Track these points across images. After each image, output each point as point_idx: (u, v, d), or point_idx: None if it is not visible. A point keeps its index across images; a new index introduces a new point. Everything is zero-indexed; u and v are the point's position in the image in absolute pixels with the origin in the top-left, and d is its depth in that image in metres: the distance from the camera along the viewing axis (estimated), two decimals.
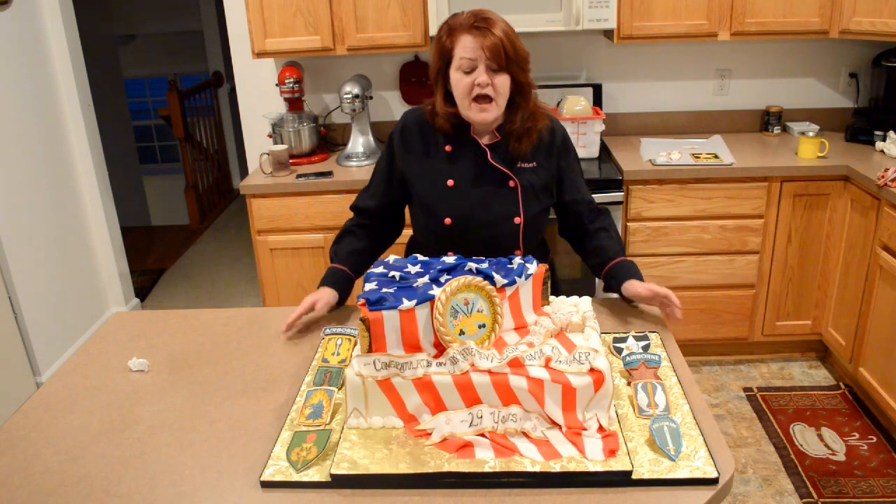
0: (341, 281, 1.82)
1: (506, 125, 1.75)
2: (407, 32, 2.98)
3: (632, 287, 1.72)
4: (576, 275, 2.87)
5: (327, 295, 1.77)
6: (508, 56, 1.63)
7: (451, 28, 1.66)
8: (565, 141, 1.83)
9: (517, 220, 1.76)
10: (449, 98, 1.74)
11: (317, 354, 1.58)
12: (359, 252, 1.87)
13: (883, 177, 2.61)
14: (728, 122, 3.42)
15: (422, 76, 3.35)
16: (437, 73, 1.73)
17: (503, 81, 1.66)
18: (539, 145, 1.78)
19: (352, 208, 1.94)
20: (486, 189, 1.76)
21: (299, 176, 2.97)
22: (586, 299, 1.56)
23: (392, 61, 3.38)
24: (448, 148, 1.77)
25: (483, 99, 1.66)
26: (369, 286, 1.43)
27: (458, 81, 1.66)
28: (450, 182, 1.76)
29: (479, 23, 1.63)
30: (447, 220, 1.76)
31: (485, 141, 1.77)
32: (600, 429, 1.27)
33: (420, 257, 1.58)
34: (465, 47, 1.63)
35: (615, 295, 1.80)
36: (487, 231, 1.76)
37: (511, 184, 1.76)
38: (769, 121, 3.33)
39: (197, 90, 5.74)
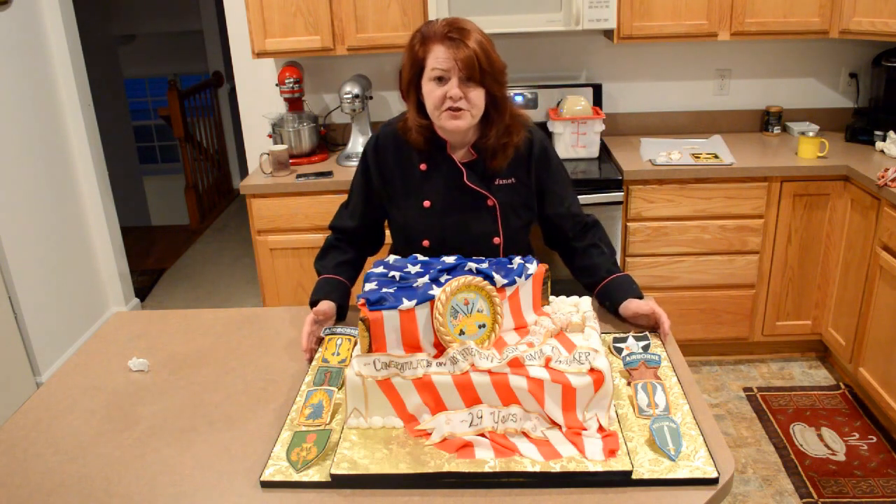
0: (337, 290, 1.72)
1: (480, 141, 1.69)
2: (407, 32, 2.97)
3: (631, 305, 1.64)
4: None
5: (323, 305, 1.65)
6: (483, 69, 1.56)
7: (425, 37, 1.60)
8: (544, 152, 1.76)
9: (497, 240, 1.72)
10: (422, 109, 1.67)
11: (317, 354, 1.58)
12: (347, 263, 1.80)
13: (883, 177, 2.61)
14: (728, 122, 3.42)
15: None
16: (408, 83, 1.66)
17: (477, 95, 1.59)
18: (517, 159, 1.72)
19: (331, 227, 1.87)
20: (464, 210, 1.71)
21: (299, 176, 2.97)
22: (586, 299, 1.56)
23: (392, 61, 3.37)
24: (423, 167, 1.72)
25: (456, 108, 1.59)
26: (369, 286, 1.43)
27: (430, 92, 1.60)
28: (426, 203, 1.72)
29: (454, 33, 1.56)
30: (425, 242, 1.73)
31: (461, 159, 1.71)
32: (600, 429, 1.27)
33: (420, 257, 1.58)
34: (438, 58, 1.56)
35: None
36: (466, 252, 1.66)
37: (489, 203, 1.71)
38: (769, 121, 3.33)
39: (197, 90, 5.74)
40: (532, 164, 1.74)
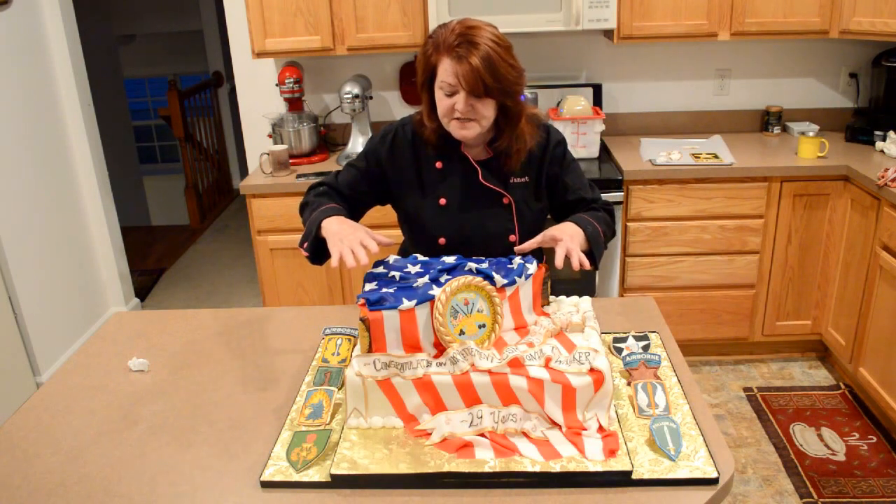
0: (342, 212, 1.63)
1: (495, 141, 1.69)
2: (407, 32, 2.98)
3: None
4: (576, 275, 2.87)
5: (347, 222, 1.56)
6: (487, 84, 1.53)
7: (436, 45, 1.58)
8: (558, 149, 1.74)
9: (512, 237, 1.72)
10: (434, 110, 1.66)
11: (317, 354, 1.58)
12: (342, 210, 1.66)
13: (883, 177, 2.61)
14: (728, 122, 3.42)
15: None
16: (422, 86, 1.66)
17: (484, 106, 1.58)
18: (531, 159, 1.72)
19: (319, 183, 1.78)
20: (479, 208, 1.71)
21: (299, 176, 2.97)
22: (586, 299, 1.56)
23: (392, 61, 3.38)
24: (439, 165, 1.72)
25: (464, 118, 1.59)
26: (369, 286, 1.43)
27: (440, 100, 1.60)
28: (442, 201, 1.72)
29: (461, 48, 1.53)
30: (441, 240, 1.73)
31: (476, 157, 1.71)
32: (600, 429, 1.27)
33: (420, 257, 1.58)
34: (446, 71, 1.55)
35: (615, 295, 1.78)
36: (482, 250, 1.66)
37: (505, 201, 1.71)
38: (769, 121, 3.33)
39: (197, 90, 5.74)
40: (546, 162, 1.73)
